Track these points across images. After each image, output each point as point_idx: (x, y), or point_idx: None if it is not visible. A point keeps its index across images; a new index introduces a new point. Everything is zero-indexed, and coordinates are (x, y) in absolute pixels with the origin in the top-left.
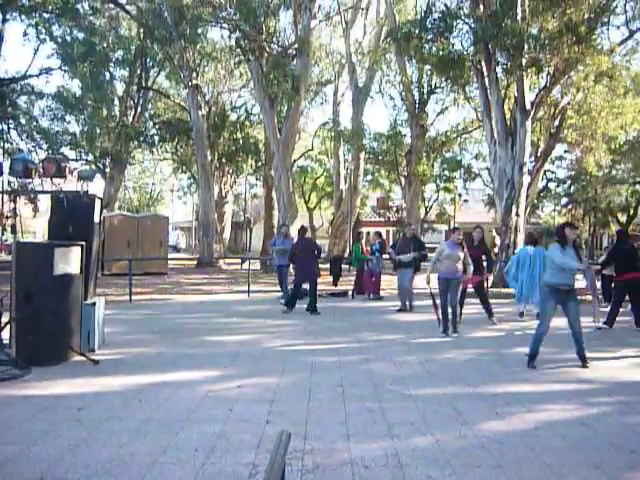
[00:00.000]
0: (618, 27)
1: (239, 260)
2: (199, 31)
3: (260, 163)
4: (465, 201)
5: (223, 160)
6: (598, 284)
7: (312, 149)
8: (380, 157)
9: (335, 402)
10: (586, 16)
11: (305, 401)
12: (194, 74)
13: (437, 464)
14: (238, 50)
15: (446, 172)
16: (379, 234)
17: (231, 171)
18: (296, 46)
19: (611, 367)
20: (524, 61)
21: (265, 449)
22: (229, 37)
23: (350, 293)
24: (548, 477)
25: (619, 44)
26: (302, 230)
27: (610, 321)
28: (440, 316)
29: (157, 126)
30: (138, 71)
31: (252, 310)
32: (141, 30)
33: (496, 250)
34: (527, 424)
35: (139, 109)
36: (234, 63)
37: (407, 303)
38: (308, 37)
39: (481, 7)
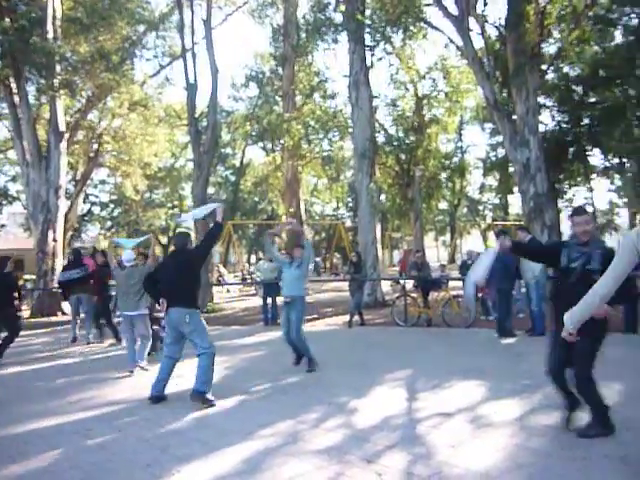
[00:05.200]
0: (148, 60)
1: None
2: None
3: None
4: (3, 226)
5: None
6: None
7: None
8: None
9: None
10: (119, 46)
11: None
12: None
13: None
14: None
15: None
16: None
17: None
18: None
19: (135, 385)
20: (56, 82)
21: None
22: None
23: None
24: None
25: (151, 76)
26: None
27: None
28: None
29: None
30: None
31: None
32: None
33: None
34: (44, 462)
35: None
36: None
37: None
38: None
39: (7, 19)
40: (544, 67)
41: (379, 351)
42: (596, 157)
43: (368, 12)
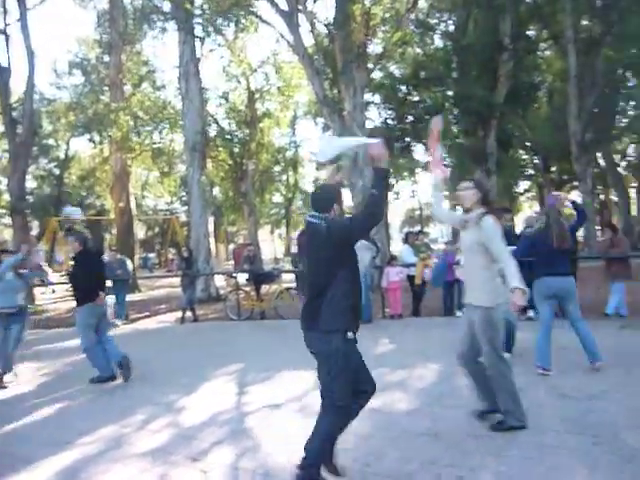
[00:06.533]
0: None
1: None
2: None
3: None
4: None
5: None
6: None
7: None
8: None
9: None
10: None
11: None
12: None
13: None
14: None
15: None
16: None
17: None
18: None
19: None
20: None
21: None
22: None
23: None
24: None
25: None
26: None
27: None
28: None
29: None
30: None
31: None
32: None
33: None
34: None
35: None
36: None
37: None
38: None
39: None
40: (371, 66)
41: (211, 347)
42: (420, 152)
43: (199, 2)
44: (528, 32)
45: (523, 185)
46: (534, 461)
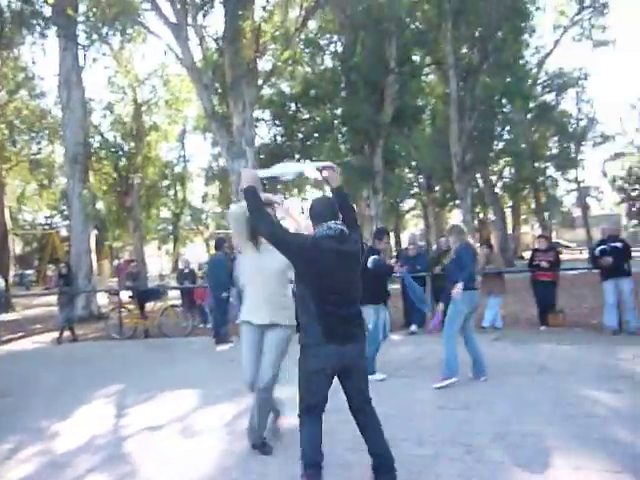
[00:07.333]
0: None
1: None
2: None
3: None
4: None
5: None
6: None
7: None
8: None
9: None
10: None
11: None
12: None
13: None
14: None
15: None
16: None
17: None
18: None
19: None
20: None
21: None
22: None
23: None
24: None
25: None
26: None
27: None
28: None
29: None
30: None
31: None
32: None
33: None
34: None
35: None
36: None
37: None
38: None
39: None
40: (261, 82)
41: (90, 368)
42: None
43: (83, 8)
44: (413, 57)
45: (409, 203)
46: (412, 474)
